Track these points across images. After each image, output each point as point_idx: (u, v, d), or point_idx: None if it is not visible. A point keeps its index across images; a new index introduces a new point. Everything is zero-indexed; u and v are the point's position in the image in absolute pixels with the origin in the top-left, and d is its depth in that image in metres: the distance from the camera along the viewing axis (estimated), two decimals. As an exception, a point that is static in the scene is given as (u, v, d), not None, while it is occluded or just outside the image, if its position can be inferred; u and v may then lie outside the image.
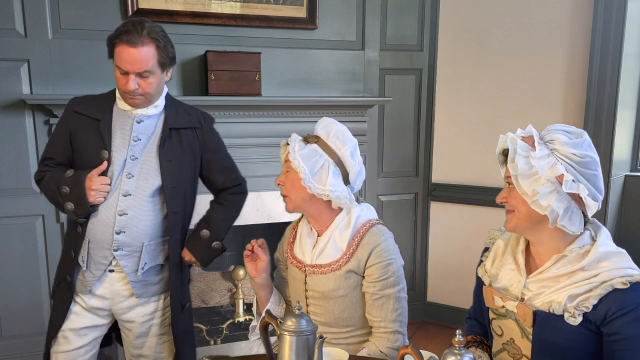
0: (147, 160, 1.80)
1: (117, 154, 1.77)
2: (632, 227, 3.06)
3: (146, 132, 1.81)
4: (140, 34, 1.68)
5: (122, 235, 1.77)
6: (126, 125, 1.80)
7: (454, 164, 3.45)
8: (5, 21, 2.42)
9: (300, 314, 1.23)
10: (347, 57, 3.04)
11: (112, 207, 1.76)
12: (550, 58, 3.05)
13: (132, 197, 1.77)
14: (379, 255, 1.58)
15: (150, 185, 1.79)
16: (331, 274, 1.62)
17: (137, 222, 1.78)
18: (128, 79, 1.70)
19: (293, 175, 1.61)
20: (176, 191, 1.84)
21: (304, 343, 1.20)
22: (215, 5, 2.72)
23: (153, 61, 1.71)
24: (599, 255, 1.29)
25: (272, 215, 2.94)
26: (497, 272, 1.46)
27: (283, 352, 1.21)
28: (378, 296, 1.58)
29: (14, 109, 2.47)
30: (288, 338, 1.20)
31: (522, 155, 1.29)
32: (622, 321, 1.24)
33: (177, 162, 1.83)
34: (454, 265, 3.47)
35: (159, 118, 1.85)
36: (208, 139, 1.92)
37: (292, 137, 1.67)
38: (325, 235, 1.66)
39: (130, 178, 1.77)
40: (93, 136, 1.78)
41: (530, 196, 1.28)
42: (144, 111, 1.81)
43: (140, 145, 1.80)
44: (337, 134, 1.64)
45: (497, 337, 1.48)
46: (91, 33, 2.54)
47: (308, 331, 1.21)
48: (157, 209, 1.82)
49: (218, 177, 1.97)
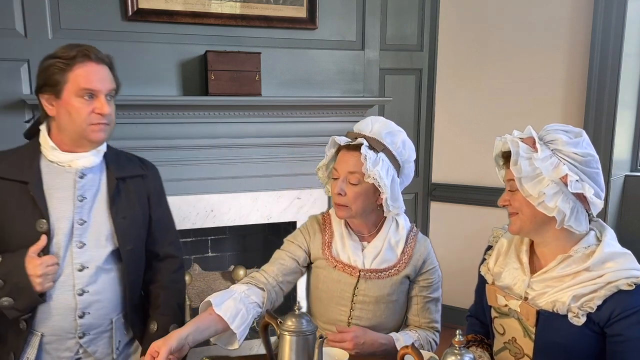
0: (97, 221, 1.50)
1: (59, 222, 1.45)
2: (632, 227, 3.05)
3: (91, 188, 1.51)
4: (97, 52, 1.48)
5: (86, 318, 1.47)
6: (65, 183, 1.48)
7: (454, 164, 3.45)
8: (5, 21, 2.42)
9: (300, 313, 1.22)
10: (347, 57, 3.04)
11: (68, 287, 1.45)
12: (550, 58, 3.05)
13: (89, 269, 1.47)
14: (431, 262, 1.70)
15: (107, 251, 1.51)
16: (388, 279, 1.64)
17: (101, 297, 1.49)
18: (100, 102, 1.45)
19: (362, 189, 1.58)
20: (134, 253, 1.57)
21: (304, 343, 1.20)
22: (215, 5, 2.72)
23: (114, 82, 1.51)
24: (604, 256, 1.29)
25: (272, 215, 2.94)
26: (500, 271, 1.46)
27: (283, 352, 1.21)
28: (430, 299, 1.70)
29: (14, 109, 2.47)
30: (288, 338, 1.20)
31: (524, 157, 1.28)
32: (626, 323, 1.24)
33: (131, 219, 1.56)
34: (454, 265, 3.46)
35: (101, 169, 1.55)
36: (155, 189, 1.66)
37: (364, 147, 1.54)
38: (379, 239, 1.66)
39: (82, 247, 1.47)
40: (21, 203, 1.44)
41: (535, 198, 1.28)
42: (86, 161, 1.50)
43: (87, 205, 1.50)
44: (404, 143, 1.63)
45: (498, 335, 1.48)
46: (91, 33, 2.54)
47: (308, 331, 1.21)
48: (118, 277, 1.55)
49: (159, 237, 1.67)
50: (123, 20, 2.58)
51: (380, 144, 1.57)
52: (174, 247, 1.72)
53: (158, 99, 2.59)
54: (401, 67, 3.39)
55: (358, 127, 1.64)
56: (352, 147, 1.59)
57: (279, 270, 1.65)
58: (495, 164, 1.45)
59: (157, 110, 2.60)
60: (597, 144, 2.90)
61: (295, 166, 2.90)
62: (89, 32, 2.54)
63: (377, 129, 1.59)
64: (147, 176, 1.64)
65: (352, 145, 1.59)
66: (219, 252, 3.25)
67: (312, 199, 2.97)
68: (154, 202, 1.65)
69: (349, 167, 1.58)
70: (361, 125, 1.63)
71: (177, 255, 1.72)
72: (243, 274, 2.91)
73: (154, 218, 1.65)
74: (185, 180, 2.74)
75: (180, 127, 2.68)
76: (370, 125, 1.61)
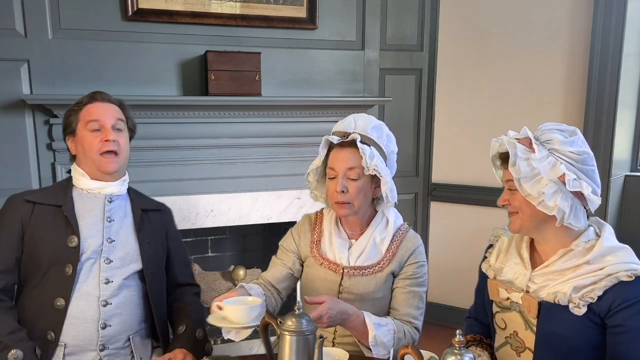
0: (124, 242, 1.66)
1: (90, 239, 1.60)
2: (632, 227, 3.05)
3: (118, 212, 1.69)
4: (105, 95, 1.70)
5: (108, 330, 1.57)
6: (95, 206, 1.66)
7: (454, 164, 3.45)
8: (5, 21, 2.42)
9: (300, 313, 1.23)
10: (347, 57, 3.04)
11: (94, 298, 1.57)
12: (550, 58, 3.05)
13: (114, 283, 1.60)
14: (416, 256, 1.67)
15: (131, 268, 1.65)
16: (372, 276, 1.64)
17: (122, 311, 1.61)
18: (106, 131, 1.63)
19: (363, 183, 1.61)
20: (156, 276, 1.71)
21: (304, 343, 1.21)
22: (215, 5, 2.72)
23: (122, 116, 1.71)
24: (604, 250, 1.32)
25: (272, 215, 2.94)
26: (501, 266, 1.48)
27: (283, 351, 1.21)
28: (407, 290, 1.65)
29: (14, 109, 2.47)
30: (288, 338, 1.20)
31: (522, 158, 1.30)
32: (626, 313, 1.26)
33: (155, 246, 1.72)
34: (454, 265, 3.47)
35: (126, 199, 1.74)
36: (171, 225, 1.84)
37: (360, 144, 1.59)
38: (364, 236, 1.67)
39: (109, 263, 1.61)
40: (55, 223, 1.59)
41: (535, 198, 1.30)
42: (114, 189, 1.69)
43: (115, 225, 1.66)
44: (389, 136, 1.68)
45: (500, 330, 1.49)
46: (91, 33, 2.54)
47: (308, 331, 1.21)
48: (140, 296, 1.68)
49: (179, 270, 1.82)
50: (123, 20, 2.58)
51: (369, 139, 1.61)
52: (192, 278, 1.90)
53: (158, 99, 2.59)
54: (401, 67, 3.39)
55: (340, 126, 1.67)
56: (345, 145, 1.62)
57: (273, 278, 1.74)
58: (493, 164, 1.46)
59: (157, 110, 2.60)
60: (597, 144, 2.90)
61: (295, 166, 2.90)
62: (89, 32, 2.54)
63: (362, 125, 1.63)
64: (164, 211, 1.83)
65: (345, 142, 1.62)
66: (219, 252, 3.25)
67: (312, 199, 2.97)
68: (171, 236, 1.81)
69: (348, 163, 1.60)
70: (344, 124, 1.66)
71: (197, 284, 1.90)
72: (243, 274, 2.92)
73: (173, 254, 1.81)
74: (185, 180, 2.74)
75: (180, 127, 2.68)
76: (353, 122, 1.65)
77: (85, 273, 1.59)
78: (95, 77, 2.54)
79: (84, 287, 1.57)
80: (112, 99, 1.72)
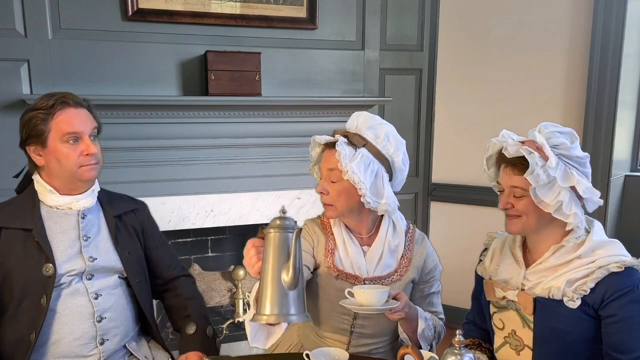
0: (105, 258, 1.56)
1: (69, 262, 1.50)
2: (632, 227, 3.06)
3: (92, 227, 1.57)
4: (74, 97, 1.53)
5: (106, 344, 1.53)
6: (69, 225, 1.53)
7: (454, 164, 3.45)
8: (5, 21, 2.42)
9: (284, 216, 1.22)
10: (347, 57, 3.04)
11: (88, 316, 1.51)
12: (550, 58, 3.05)
13: (103, 296, 1.54)
14: (432, 259, 1.70)
15: (115, 278, 1.59)
16: (391, 285, 1.59)
17: (116, 324, 1.57)
18: (85, 143, 1.49)
19: (342, 186, 1.53)
20: (142, 284, 1.65)
21: (285, 238, 1.21)
22: (215, 5, 2.72)
23: (94, 121, 1.56)
24: (594, 244, 1.35)
25: (272, 215, 2.93)
26: (496, 267, 1.50)
27: (268, 247, 1.21)
28: (433, 293, 1.71)
29: (14, 109, 2.47)
30: (272, 234, 1.21)
31: (539, 165, 1.29)
32: (619, 303, 1.29)
33: (136, 253, 1.64)
34: (454, 265, 3.46)
35: (98, 209, 1.61)
36: (147, 220, 1.73)
37: (339, 141, 1.52)
38: (378, 243, 1.62)
39: (91, 279, 1.53)
40: (27, 250, 1.46)
41: (551, 206, 1.31)
42: (86, 202, 1.56)
43: (92, 243, 1.55)
44: (388, 136, 1.56)
45: (498, 331, 1.50)
46: (91, 33, 2.54)
47: (290, 228, 1.21)
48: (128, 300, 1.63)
49: (167, 264, 1.75)
50: (123, 20, 2.58)
51: (362, 139, 1.53)
52: (182, 268, 1.81)
53: (158, 99, 2.59)
54: (401, 67, 3.39)
55: (347, 125, 1.62)
56: (331, 145, 1.56)
57: None
58: (486, 164, 1.46)
59: (157, 110, 2.60)
60: (597, 144, 2.90)
61: (295, 166, 2.90)
62: (89, 32, 2.54)
63: (360, 124, 1.57)
64: (139, 209, 1.71)
65: (331, 143, 1.56)
66: (219, 252, 3.25)
67: (312, 199, 2.97)
68: (148, 231, 1.72)
69: (329, 164, 1.56)
70: (347, 123, 1.61)
71: (188, 274, 1.81)
72: (243, 274, 2.91)
73: (154, 246, 1.72)
74: (185, 180, 2.75)
75: (180, 127, 2.68)
76: (355, 121, 1.59)
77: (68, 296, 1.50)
78: (95, 77, 2.55)
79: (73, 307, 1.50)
80: (82, 102, 1.55)
